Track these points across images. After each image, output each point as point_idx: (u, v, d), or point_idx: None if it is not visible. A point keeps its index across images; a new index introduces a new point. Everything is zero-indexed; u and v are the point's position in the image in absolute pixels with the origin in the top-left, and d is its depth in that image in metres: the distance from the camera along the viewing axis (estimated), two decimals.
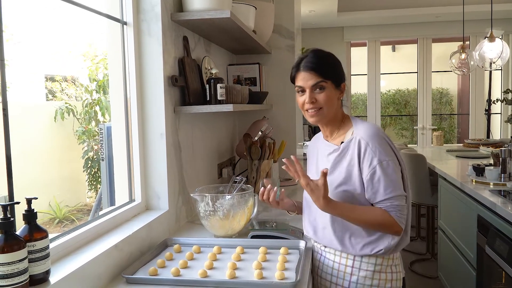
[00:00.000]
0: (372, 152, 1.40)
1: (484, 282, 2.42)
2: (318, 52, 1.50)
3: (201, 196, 1.71)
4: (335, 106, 1.50)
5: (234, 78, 2.80)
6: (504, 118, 6.49)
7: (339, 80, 1.49)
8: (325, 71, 1.45)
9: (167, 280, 1.32)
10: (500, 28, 5.45)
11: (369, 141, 1.41)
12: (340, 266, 1.50)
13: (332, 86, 1.46)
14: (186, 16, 1.84)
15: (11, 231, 1.02)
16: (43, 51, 4.81)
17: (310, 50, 1.51)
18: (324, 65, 1.46)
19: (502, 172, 2.58)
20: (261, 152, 2.50)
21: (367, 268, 1.46)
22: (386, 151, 1.41)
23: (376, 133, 1.43)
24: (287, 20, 2.97)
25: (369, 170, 1.40)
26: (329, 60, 1.49)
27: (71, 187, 4.88)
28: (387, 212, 1.40)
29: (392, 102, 9.14)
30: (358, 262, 1.47)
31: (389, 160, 1.40)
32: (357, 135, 1.44)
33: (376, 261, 1.46)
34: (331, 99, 1.46)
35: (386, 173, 1.39)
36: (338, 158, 1.47)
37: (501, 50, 4.13)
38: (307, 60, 1.47)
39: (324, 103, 1.46)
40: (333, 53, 1.53)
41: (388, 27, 6.80)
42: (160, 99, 1.76)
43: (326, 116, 1.49)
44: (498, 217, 2.15)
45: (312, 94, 1.46)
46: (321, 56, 1.48)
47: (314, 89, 1.46)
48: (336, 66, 1.50)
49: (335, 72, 1.48)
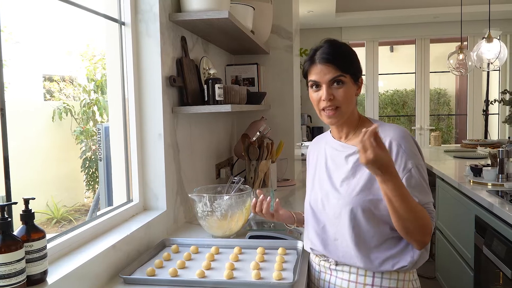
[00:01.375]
0: (406, 154, 1.25)
1: (482, 282, 2.42)
2: (335, 42, 1.33)
3: (199, 197, 1.71)
4: (353, 104, 1.34)
5: (232, 79, 2.80)
6: (501, 118, 6.49)
7: (358, 74, 1.33)
8: (344, 64, 1.29)
9: (164, 281, 1.32)
10: (498, 29, 5.45)
11: (401, 143, 1.26)
12: (357, 286, 1.31)
13: (351, 81, 1.31)
14: (184, 16, 1.84)
15: (8, 231, 1.02)
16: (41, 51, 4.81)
17: (325, 40, 1.34)
18: (343, 56, 1.30)
19: (500, 173, 2.59)
20: (259, 153, 2.50)
21: (390, 285, 1.29)
22: (418, 155, 1.29)
23: (408, 134, 1.30)
24: (285, 20, 2.97)
25: (403, 173, 1.24)
26: (347, 51, 1.33)
27: (69, 187, 4.87)
28: (430, 216, 1.25)
29: (390, 102, 9.15)
30: (378, 279, 1.29)
31: (423, 164, 1.29)
32: (386, 136, 1.27)
33: (398, 277, 1.30)
34: (350, 96, 1.31)
35: (422, 177, 1.27)
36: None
37: (499, 50, 4.13)
38: (323, 51, 1.30)
39: (343, 100, 1.29)
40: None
41: (386, 27, 6.80)
42: (158, 99, 1.76)
43: (344, 115, 1.33)
44: (495, 217, 2.16)
45: (330, 90, 1.29)
46: (338, 46, 1.32)
47: (332, 83, 1.29)
48: (354, 58, 1.34)
49: (354, 65, 1.32)
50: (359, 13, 6.21)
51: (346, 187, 1.30)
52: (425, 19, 6.44)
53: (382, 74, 7.74)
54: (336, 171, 1.36)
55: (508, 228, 2.01)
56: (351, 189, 1.29)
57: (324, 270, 1.40)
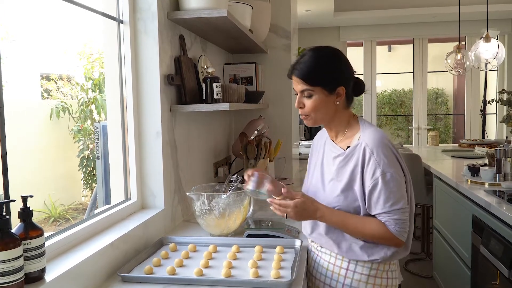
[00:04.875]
0: (376, 162, 1.34)
1: (479, 282, 2.43)
2: (313, 54, 1.42)
3: (197, 195, 1.71)
4: (330, 111, 1.43)
5: (230, 77, 2.80)
6: (499, 118, 6.52)
7: (333, 85, 1.40)
8: (313, 79, 1.39)
9: (162, 279, 1.32)
10: (496, 29, 5.48)
11: (374, 149, 1.35)
12: (334, 268, 1.47)
13: (322, 92, 1.40)
14: (183, 15, 1.84)
15: (6, 229, 1.02)
16: (38, 49, 4.79)
17: (308, 50, 1.44)
18: (314, 72, 1.39)
19: (497, 172, 2.60)
20: (257, 151, 2.50)
21: (362, 272, 1.43)
22: (390, 162, 1.35)
23: (381, 140, 1.37)
24: (284, 19, 2.97)
25: (371, 181, 1.34)
26: (322, 65, 1.40)
27: (66, 185, 4.86)
28: (385, 226, 1.35)
29: (388, 102, 9.17)
30: (353, 265, 1.44)
31: (393, 172, 1.34)
32: (363, 141, 1.38)
33: (371, 266, 1.43)
34: (319, 107, 1.41)
35: (388, 186, 1.33)
36: (342, 163, 1.41)
37: (497, 50, 4.15)
38: (297, 66, 1.41)
39: (311, 110, 1.42)
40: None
41: (384, 27, 6.81)
42: (156, 97, 1.76)
43: (317, 121, 1.45)
44: (493, 217, 2.17)
45: (301, 99, 1.43)
46: (313, 61, 1.40)
47: (302, 94, 1.42)
48: (330, 71, 1.41)
49: (327, 78, 1.40)
50: (357, 12, 6.22)
51: (331, 187, 1.44)
52: (423, 18, 6.45)
53: (380, 73, 7.76)
54: (327, 170, 1.48)
55: (505, 228, 2.02)
56: (333, 190, 1.43)
57: (313, 250, 1.58)
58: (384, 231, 1.35)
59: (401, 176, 1.37)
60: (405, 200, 1.36)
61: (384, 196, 1.33)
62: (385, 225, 1.35)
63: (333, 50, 1.44)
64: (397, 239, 1.36)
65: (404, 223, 1.36)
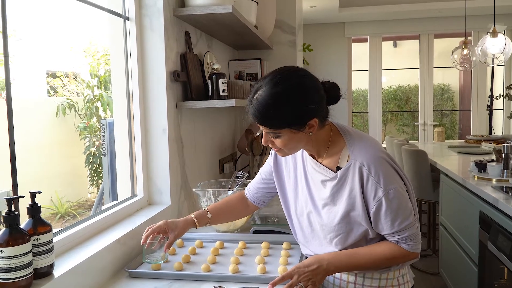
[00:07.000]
0: (375, 181, 1.20)
1: (486, 278, 2.42)
2: (270, 93, 1.17)
3: (203, 191, 1.71)
4: (304, 141, 1.24)
5: (235, 74, 2.80)
6: (506, 114, 6.48)
7: (302, 121, 1.19)
8: (274, 124, 1.20)
9: (170, 275, 1.33)
10: (503, 24, 5.42)
11: (370, 168, 1.21)
12: (341, 283, 1.36)
13: (290, 132, 1.20)
14: (188, 11, 1.84)
15: (15, 224, 1.03)
16: (44, 47, 4.81)
17: (263, 81, 1.21)
18: (274, 117, 1.18)
19: (505, 168, 2.58)
20: (262, 148, 2.50)
21: (371, 284, 1.33)
22: (390, 177, 1.22)
23: (375, 155, 1.23)
24: (289, 15, 2.96)
25: (374, 203, 1.22)
26: (282, 106, 1.17)
27: (72, 182, 4.89)
28: (397, 245, 1.26)
29: (394, 98, 9.13)
30: (361, 278, 1.34)
31: (396, 187, 1.22)
32: (356, 161, 1.23)
33: (380, 276, 1.33)
34: (291, 143, 1.23)
35: (393, 204, 1.21)
36: (337, 187, 1.26)
37: (504, 45, 4.11)
38: (251, 111, 1.20)
39: (283, 146, 1.24)
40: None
41: (390, 22, 6.77)
42: (162, 94, 1.76)
43: (292, 152, 1.30)
44: (500, 213, 2.15)
45: (267, 137, 1.24)
46: (271, 103, 1.16)
47: (268, 135, 1.24)
48: (294, 109, 1.18)
49: (292, 119, 1.18)
50: (363, 8, 6.19)
51: (328, 214, 1.29)
52: (429, 14, 6.41)
53: (386, 69, 7.72)
54: (317, 193, 1.32)
55: None
56: (332, 216, 1.28)
57: None
58: (397, 250, 1.27)
59: (403, 187, 1.25)
60: (412, 213, 1.27)
61: (391, 216, 1.22)
62: (396, 245, 1.27)
63: (294, 81, 1.19)
64: (412, 254, 1.28)
65: (416, 237, 1.28)
